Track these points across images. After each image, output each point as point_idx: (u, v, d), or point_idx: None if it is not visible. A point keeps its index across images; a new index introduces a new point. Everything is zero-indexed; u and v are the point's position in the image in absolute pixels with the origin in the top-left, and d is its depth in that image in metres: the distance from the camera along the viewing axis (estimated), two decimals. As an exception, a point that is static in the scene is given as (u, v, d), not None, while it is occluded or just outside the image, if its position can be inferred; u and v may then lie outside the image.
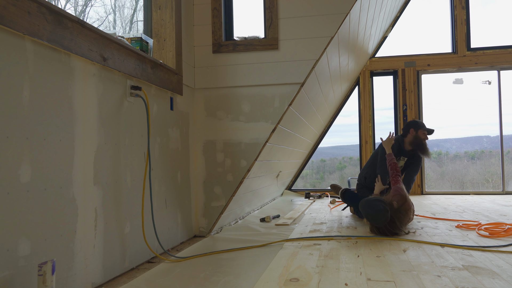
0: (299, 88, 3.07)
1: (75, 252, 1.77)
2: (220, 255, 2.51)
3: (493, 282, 1.82)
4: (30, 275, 1.50)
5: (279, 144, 3.71)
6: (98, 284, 1.93)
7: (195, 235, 3.22)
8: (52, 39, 1.62)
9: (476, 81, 6.26)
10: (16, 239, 1.45)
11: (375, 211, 2.83)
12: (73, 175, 1.77)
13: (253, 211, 4.39)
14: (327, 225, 3.44)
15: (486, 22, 6.31)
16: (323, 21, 3.05)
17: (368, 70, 6.23)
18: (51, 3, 1.62)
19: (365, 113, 6.23)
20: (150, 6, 2.91)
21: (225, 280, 1.98)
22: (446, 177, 6.76)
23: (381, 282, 1.85)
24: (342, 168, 7.36)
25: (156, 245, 2.47)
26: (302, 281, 1.89)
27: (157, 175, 2.56)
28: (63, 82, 1.73)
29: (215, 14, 3.24)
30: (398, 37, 6.34)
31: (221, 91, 3.22)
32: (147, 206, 2.39)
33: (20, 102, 1.49)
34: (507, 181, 6.03)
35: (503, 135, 6.01)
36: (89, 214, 1.88)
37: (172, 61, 2.87)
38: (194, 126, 3.25)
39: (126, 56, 2.19)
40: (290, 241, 2.79)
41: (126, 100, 2.22)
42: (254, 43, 3.16)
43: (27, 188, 1.51)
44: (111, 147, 2.07)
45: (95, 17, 2.89)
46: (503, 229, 2.93)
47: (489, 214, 3.88)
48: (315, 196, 5.73)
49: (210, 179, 3.24)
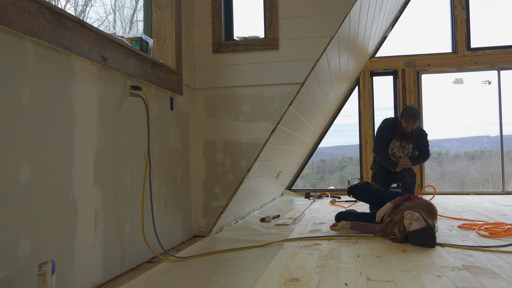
0: (299, 88, 3.07)
1: (75, 252, 1.77)
2: (220, 255, 2.51)
3: (493, 282, 1.82)
4: (30, 275, 1.50)
5: (279, 144, 3.71)
6: (98, 284, 1.93)
7: (195, 235, 3.22)
8: (52, 39, 1.62)
9: (476, 81, 6.26)
10: (16, 239, 1.45)
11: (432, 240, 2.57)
12: (73, 175, 1.77)
13: (253, 211, 4.39)
14: (327, 225, 3.44)
15: (486, 22, 6.31)
16: (323, 21, 3.05)
17: (368, 70, 6.23)
18: (51, 3, 1.62)
19: (365, 113, 6.22)
20: (150, 6, 2.91)
21: (225, 280, 1.98)
22: (446, 177, 6.77)
23: (381, 282, 1.85)
24: (342, 168, 7.36)
25: (156, 245, 2.47)
26: (302, 281, 1.89)
27: (157, 175, 2.56)
28: (63, 82, 1.73)
29: (215, 14, 3.24)
30: (398, 37, 6.34)
31: (221, 91, 3.22)
32: (147, 206, 2.39)
33: (20, 102, 1.49)
34: (507, 181, 6.03)
35: (503, 135, 6.01)
36: (89, 214, 1.88)
37: (172, 61, 2.87)
38: (194, 126, 3.25)
39: (126, 56, 2.19)
40: (290, 241, 2.79)
41: (126, 100, 2.22)
42: (254, 43, 3.16)
43: (27, 188, 1.51)
44: (111, 147, 2.07)
45: (95, 17, 2.89)
46: (503, 229, 2.93)
47: (489, 214, 3.88)
48: (315, 196, 5.73)
49: (210, 179, 3.24)
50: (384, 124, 4.18)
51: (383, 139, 4.13)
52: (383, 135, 4.13)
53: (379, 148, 4.15)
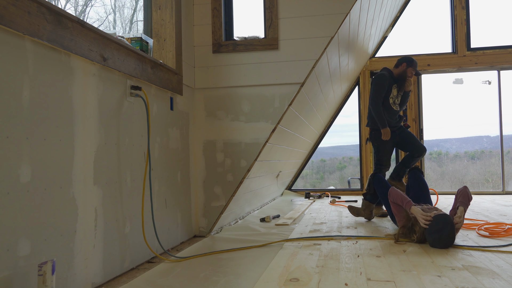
0: (299, 88, 3.07)
1: (75, 252, 1.77)
2: (220, 255, 2.51)
3: (493, 282, 1.82)
4: (30, 275, 1.50)
5: (279, 144, 3.71)
6: (98, 284, 1.93)
7: (195, 235, 3.22)
8: (52, 39, 1.62)
9: (476, 81, 6.26)
10: (16, 239, 1.45)
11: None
12: (73, 175, 1.77)
13: (253, 211, 4.39)
14: (327, 225, 3.44)
15: (486, 22, 6.31)
16: (323, 21, 3.05)
17: (368, 70, 6.23)
18: (51, 3, 1.62)
19: (365, 113, 6.22)
20: (150, 6, 2.91)
21: (225, 280, 1.98)
22: (446, 177, 6.77)
23: (381, 282, 1.85)
24: (342, 168, 7.36)
25: (156, 245, 2.47)
26: (302, 281, 1.89)
27: (157, 175, 2.56)
28: (63, 82, 1.73)
29: (215, 14, 3.24)
30: (398, 37, 6.34)
31: (221, 91, 3.22)
32: (147, 206, 2.39)
33: (20, 102, 1.49)
34: (507, 181, 6.03)
35: (503, 135, 6.01)
36: (89, 214, 1.88)
37: (172, 61, 2.87)
38: (194, 126, 3.25)
39: (126, 56, 2.19)
40: (290, 241, 2.79)
41: (126, 100, 2.22)
42: (254, 43, 3.16)
43: (27, 188, 1.51)
44: (111, 147, 2.07)
45: (95, 17, 2.89)
46: (503, 229, 2.93)
47: (489, 214, 3.88)
48: (315, 196, 5.73)
49: (210, 179, 3.24)
50: (383, 78, 4.04)
51: (382, 93, 4.01)
52: (383, 89, 4.01)
53: (378, 103, 3.99)
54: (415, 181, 3.35)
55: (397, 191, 2.92)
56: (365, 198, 3.71)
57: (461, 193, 2.81)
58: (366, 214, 3.67)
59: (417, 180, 3.35)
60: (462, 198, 2.77)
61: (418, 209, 2.69)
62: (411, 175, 3.43)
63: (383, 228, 3.28)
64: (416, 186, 3.30)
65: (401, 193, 2.89)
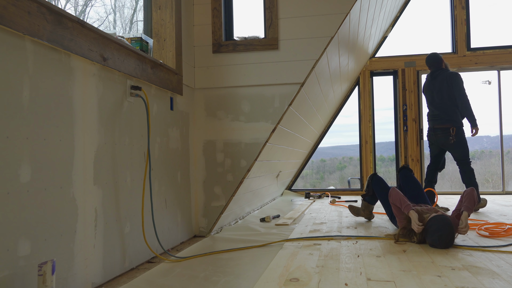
0: (299, 88, 3.07)
1: (75, 252, 1.77)
2: (220, 255, 2.51)
3: (493, 282, 1.82)
4: (30, 275, 1.50)
5: (279, 144, 3.71)
6: (98, 284, 1.93)
7: (195, 235, 3.22)
8: (52, 39, 1.62)
9: (476, 81, 6.26)
10: (16, 239, 1.45)
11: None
12: (73, 175, 1.77)
13: (253, 211, 4.39)
14: (327, 225, 3.44)
15: (486, 22, 6.32)
16: (323, 21, 3.05)
17: (368, 70, 6.23)
18: (51, 3, 1.62)
19: (365, 113, 6.22)
20: (150, 6, 2.91)
21: (225, 280, 1.98)
22: (446, 177, 6.76)
23: (381, 282, 1.85)
24: (342, 168, 7.36)
25: (156, 245, 2.47)
26: (302, 281, 1.89)
27: (157, 175, 2.56)
28: (63, 82, 1.73)
29: (215, 14, 3.25)
30: (398, 37, 6.35)
31: (221, 91, 3.22)
32: (147, 206, 2.39)
33: (20, 102, 1.49)
34: (507, 181, 6.03)
35: (503, 135, 6.01)
36: (89, 214, 1.88)
37: (172, 61, 2.87)
38: (194, 126, 3.25)
39: (126, 56, 2.19)
40: (290, 241, 2.79)
41: (126, 100, 2.22)
42: (254, 43, 3.16)
43: (27, 188, 1.51)
44: (111, 147, 2.07)
45: (95, 17, 2.89)
46: (503, 229, 2.93)
47: (489, 214, 3.88)
48: (315, 196, 5.73)
49: (210, 179, 3.24)
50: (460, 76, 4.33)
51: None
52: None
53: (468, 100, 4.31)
54: (408, 181, 3.34)
55: (397, 193, 2.89)
56: (364, 199, 3.71)
57: (467, 196, 2.74)
58: (366, 215, 3.67)
59: (409, 180, 3.34)
60: (468, 202, 2.70)
61: (415, 215, 2.66)
62: (402, 175, 3.39)
63: (383, 228, 3.28)
64: (409, 186, 3.29)
65: (401, 195, 2.86)
